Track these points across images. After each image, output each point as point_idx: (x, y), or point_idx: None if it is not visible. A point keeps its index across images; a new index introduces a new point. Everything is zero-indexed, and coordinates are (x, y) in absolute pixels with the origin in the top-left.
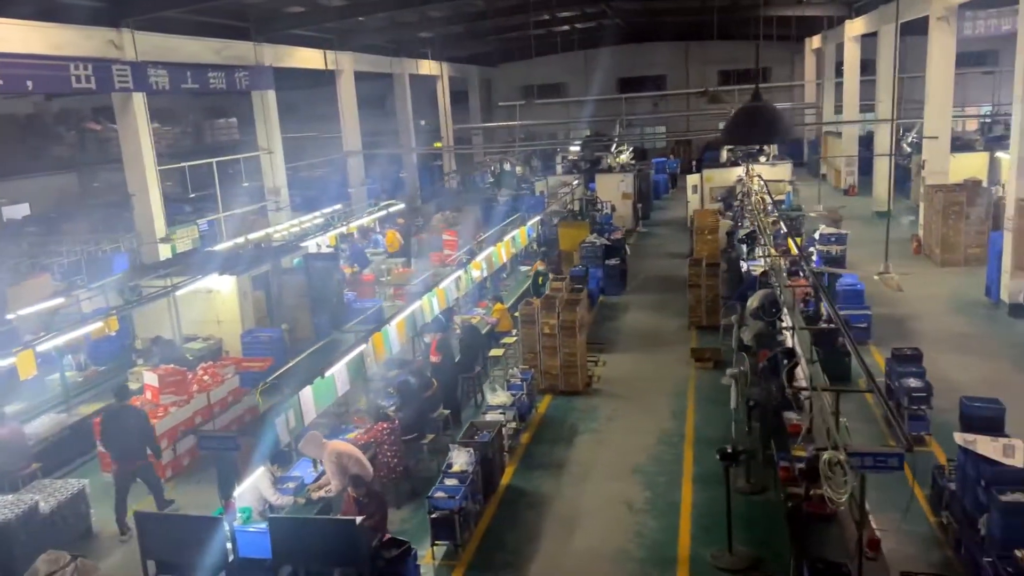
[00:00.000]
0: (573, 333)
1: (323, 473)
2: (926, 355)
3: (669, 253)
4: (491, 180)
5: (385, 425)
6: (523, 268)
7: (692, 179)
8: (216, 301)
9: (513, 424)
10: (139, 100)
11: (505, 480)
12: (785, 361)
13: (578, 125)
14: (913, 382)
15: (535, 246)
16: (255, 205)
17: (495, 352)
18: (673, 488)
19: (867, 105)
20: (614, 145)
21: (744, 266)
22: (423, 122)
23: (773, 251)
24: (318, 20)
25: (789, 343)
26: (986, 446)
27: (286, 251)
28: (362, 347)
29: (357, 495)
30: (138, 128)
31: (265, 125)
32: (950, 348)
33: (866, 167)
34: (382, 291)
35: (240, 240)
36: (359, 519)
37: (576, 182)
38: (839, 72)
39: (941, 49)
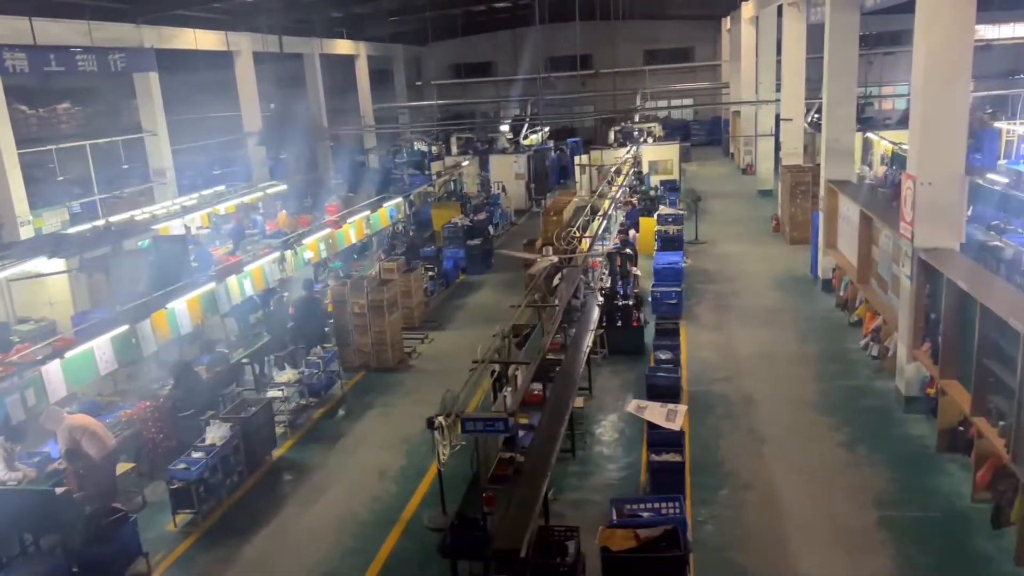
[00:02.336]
0: (382, 312)
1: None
2: (728, 329)
3: None
4: (402, 160)
5: (149, 403)
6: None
7: (581, 160)
8: (48, 283)
9: (302, 400)
10: None
11: (279, 452)
12: None
13: (508, 104)
14: (663, 354)
15: (400, 227)
16: (138, 187)
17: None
18: (431, 457)
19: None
20: (525, 125)
21: None
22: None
23: (573, 233)
24: (205, 0)
25: None
26: (654, 412)
27: (131, 233)
28: (124, 327)
29: (73, 468)
30: None
31: (149, 107)
32: (754, 323)
33: None
34: None
35: (100, 222)
36: (61, 490)
37: (466, 163)
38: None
39: (792, 33)
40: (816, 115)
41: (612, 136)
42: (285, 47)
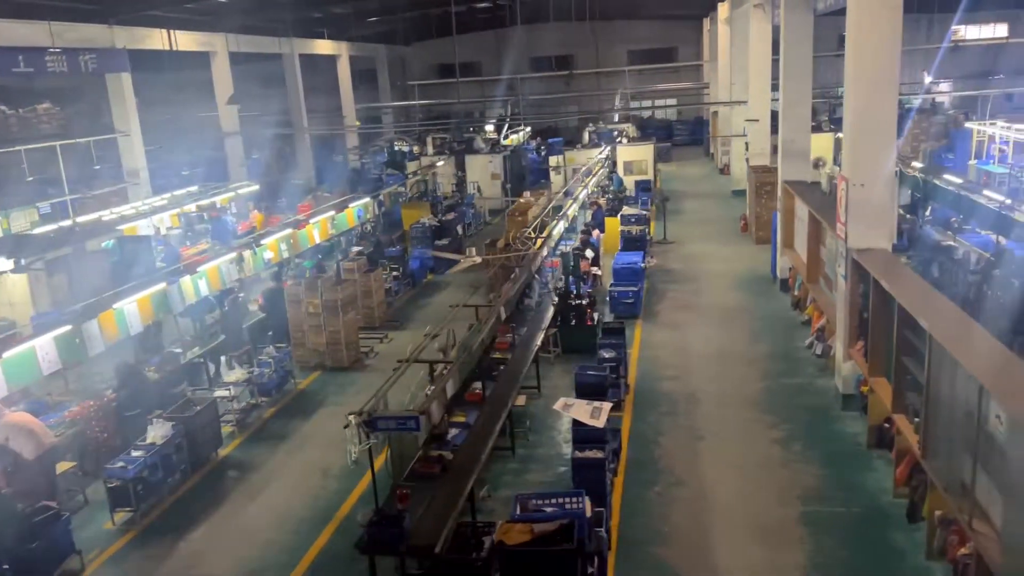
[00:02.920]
0: (336, 312)
1: None
2: (683, 328)
3: None
4: (384, 161)
5: (92, 403)
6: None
7: (554, 160)
8: (8, 284)
9: (252, 400)
10: None
11: (225, 451)
12: None
13: (493, 104)
14: (606, 353)
15: (369, 227)
16: (111, 187)
17: None
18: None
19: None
20: (506, 125)
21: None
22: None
23: (528, 234)
24: (179, 0)
25: None
26: (579, 410)
27: (94, 234)
28: (67, 328)
29: (2, 466)
30: None
31: (122, 107)
32: (710, 322)
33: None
34: None
35: (67, 223)
36: None
37: (441, 163)
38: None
39: (758, 34)
40: None
41: (586, 137)
42: (264, 47)
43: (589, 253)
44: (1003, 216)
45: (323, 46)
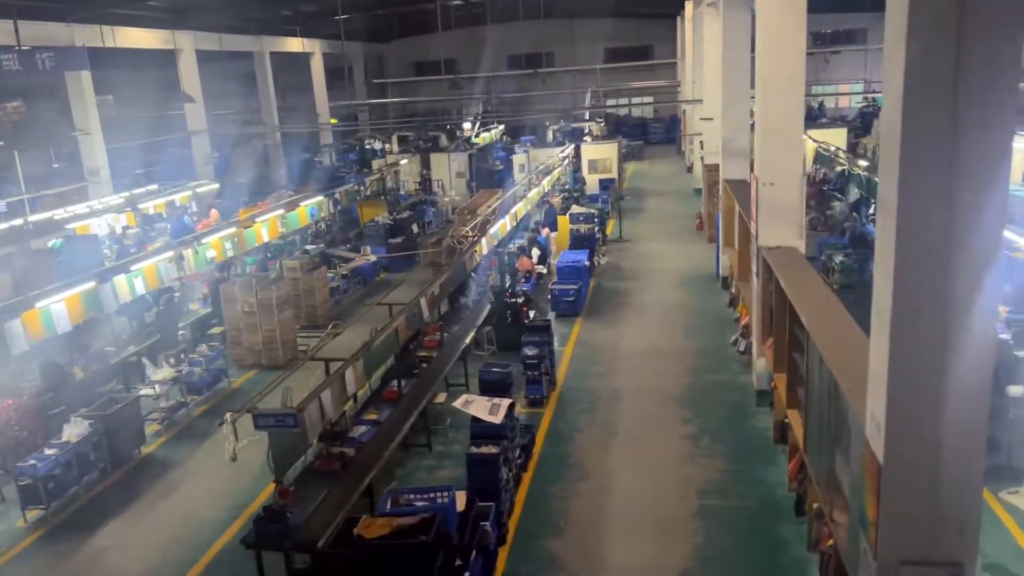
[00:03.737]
0: (271, 310)
1: None
2: (621, 325)
3: None
4: (355, 159)
5: (11, 402)
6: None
7: (518, 159)
8: None
9: (181, 398)
10: None
11: (148, 449)
12: None
13: (470, 102)
14: (529, 350)
15: (324, 226)
16: (72, 185)
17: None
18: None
19: None
20: (476, 123)
21: None
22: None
23: (466, 234)
24: None
25: None
26: (479, 406)
27: (42, 232)
28: None
29: None
30: None
31: (82, 106)
32: (648, 319)
33: None
34: None
35: (18, 222)
36: None
37: (404, 160)
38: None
39: (711, 33)
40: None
41: (550, 135)
42: (234, 45)
43: (536, 252)
44: None
45: (295, 44)
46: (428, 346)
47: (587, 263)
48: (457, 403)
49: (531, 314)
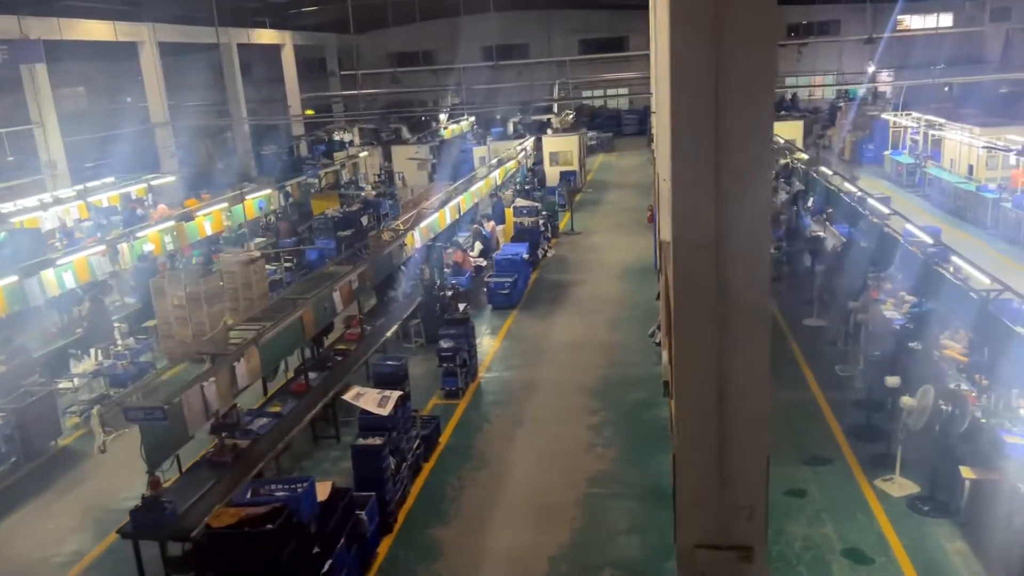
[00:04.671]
0: (200, 304)
1: None
2: (553, 318)
3: None
4: (323, 151)
5: None
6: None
7: (478, 151)
8: None
9: (104, 391)
10: None
11: (66, 442)
12: None
13: (445, 94)
14: (444, 343)
15: (272, 219)
16: (29, 178)
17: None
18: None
19: None
20: (446, 115)
21: None
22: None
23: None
24: None
25: None
26: (368, 399)
27: None
28: None
29: None
30: None
31: (36, 99)
32: (581, 311)
33: None
34: None
35: None
36: None
37: (364, 153)
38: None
39: (659, 23)
40: None
41: (511, 127)
42: (198, 37)
43: (478, 245)
44: (855, 208)
45: (265, 35)
46: (348, 339)
47: (526, 256)
48: (347, 396)
49: (460, 307)
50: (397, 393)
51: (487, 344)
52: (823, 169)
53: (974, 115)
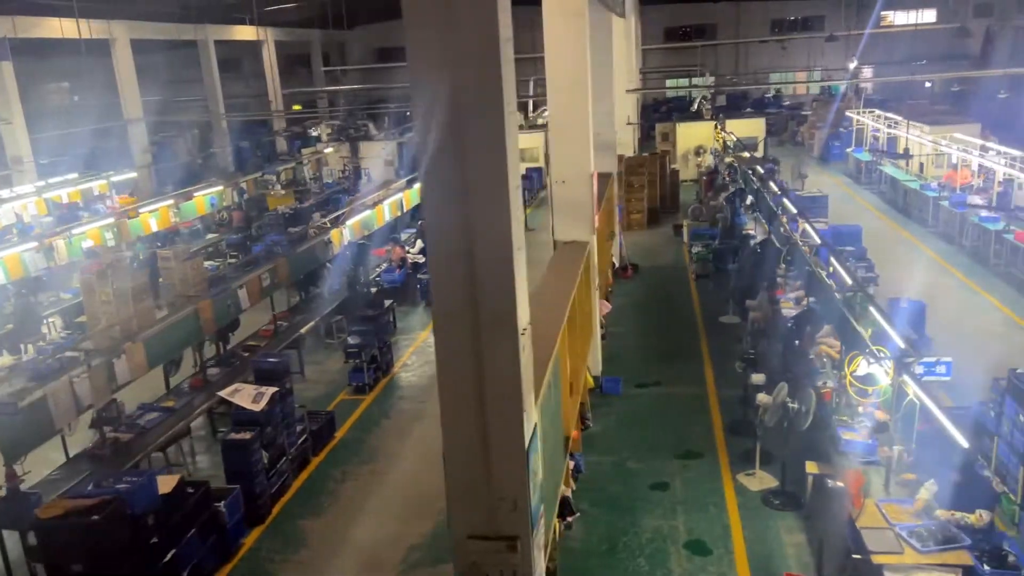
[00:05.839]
0: (127, 300)
1: None
2: None
3: None
4: (299, 147)
5: None
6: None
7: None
8: None
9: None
10: None
11: None
12: None
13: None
14: (352, 340)
15: (225, 215)
16: None
17: None
18: None
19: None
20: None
21: None
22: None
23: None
24: None
25: None
26: (243, 395)
27: None
28: None
29: None
30: None
31: (4, 96)
32: None
33: None
34: None
35: None
36: None
37: (329, 149)
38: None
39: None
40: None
41: None
42: (173, 34)
43: (420, 242)
44: (775, 207)
45: (244, 32)
46: (262, 335)
47: None
48: (223, 392)
49: (386, 303)
50: (273, 389)
51: (408, 340)
52: (759, 168)
53: (947, 112)
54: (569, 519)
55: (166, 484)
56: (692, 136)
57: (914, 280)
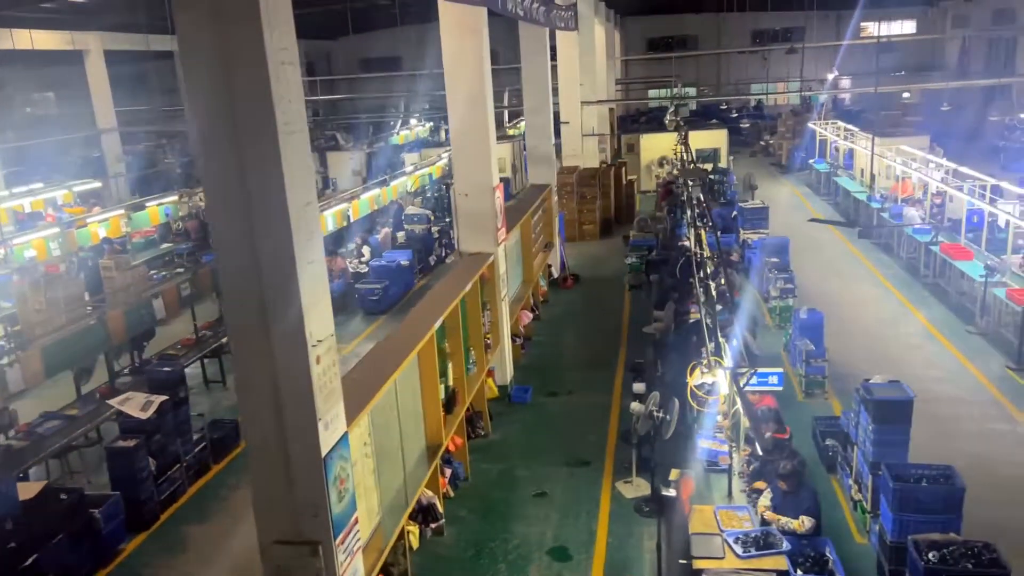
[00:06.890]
0: (61, 310)
1: None
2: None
3: None
4: None
5: None
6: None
7: (410, 157)
8: None
9: None
10: None
11: None
12: None
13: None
14: None
15: (180, 225)
16: None
17: None
18: None
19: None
20: (399, 122)
21: None
22: None
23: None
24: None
25: None
26: (133, 403)
27: None
28: None
29: None
30: None
31: None
32: None
33: None
34: None
35: None
36: None
37: None
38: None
39: (567, 40)
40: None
41: (443, 134)
42: (146, 45)
43: (366, 250)
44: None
45: None
46: (184, 344)
47: (406, 263)
48: (113, 401)
49: None
50: (162, 397)
51: (340, 348)
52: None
53: (920, 123)
54: (433, 525)
55: (28, 490)
56: (656, 147)
57: (838, 292)
